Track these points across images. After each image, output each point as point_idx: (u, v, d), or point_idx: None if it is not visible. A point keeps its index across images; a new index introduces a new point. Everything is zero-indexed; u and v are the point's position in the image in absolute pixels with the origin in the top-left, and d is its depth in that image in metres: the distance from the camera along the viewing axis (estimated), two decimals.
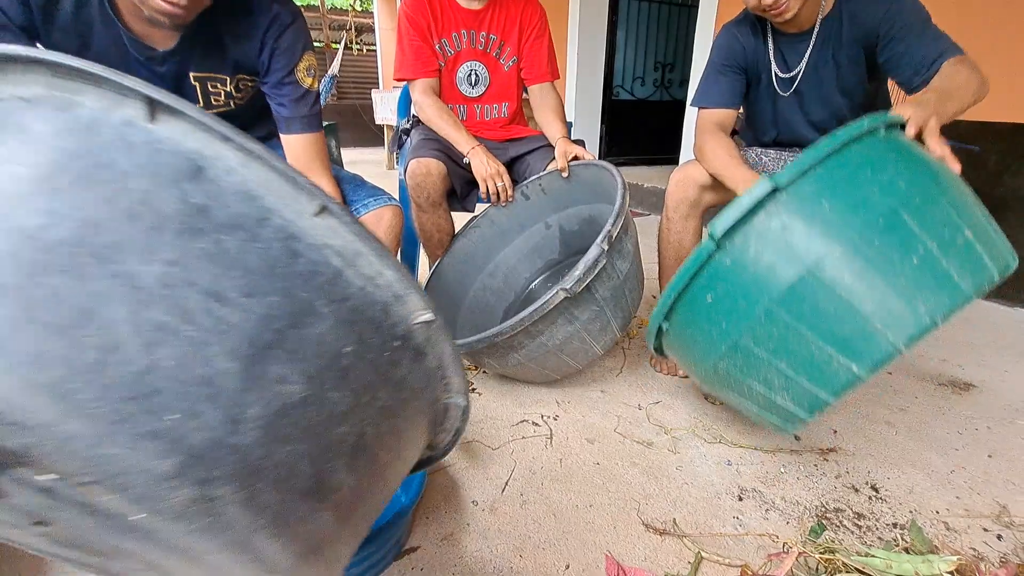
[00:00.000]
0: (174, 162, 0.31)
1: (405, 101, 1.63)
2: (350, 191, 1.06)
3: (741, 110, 1.33)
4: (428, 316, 0.39)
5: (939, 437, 1.11)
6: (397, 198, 1.13)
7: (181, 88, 0.89)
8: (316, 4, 9.23)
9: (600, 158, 4.22)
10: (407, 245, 1.56)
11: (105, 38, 0.79)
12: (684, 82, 4.04)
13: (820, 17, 1.14)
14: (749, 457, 1.03)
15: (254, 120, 1.07)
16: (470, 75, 1.45)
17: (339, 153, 3.78)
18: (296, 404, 0.31)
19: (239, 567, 0.30)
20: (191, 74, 0.89)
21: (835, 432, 1.12)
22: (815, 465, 1.01)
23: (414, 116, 1.54)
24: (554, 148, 1.39)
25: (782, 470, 1.00)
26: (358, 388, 0.35)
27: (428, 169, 1.28)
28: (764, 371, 0.74)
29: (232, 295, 0.29)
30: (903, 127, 0.78)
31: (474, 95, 1.48)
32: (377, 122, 5.30)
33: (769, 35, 1.22)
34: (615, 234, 0.98)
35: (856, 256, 0.67)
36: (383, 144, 5.51)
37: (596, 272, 0.95)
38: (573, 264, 0.97)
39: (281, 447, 0.30)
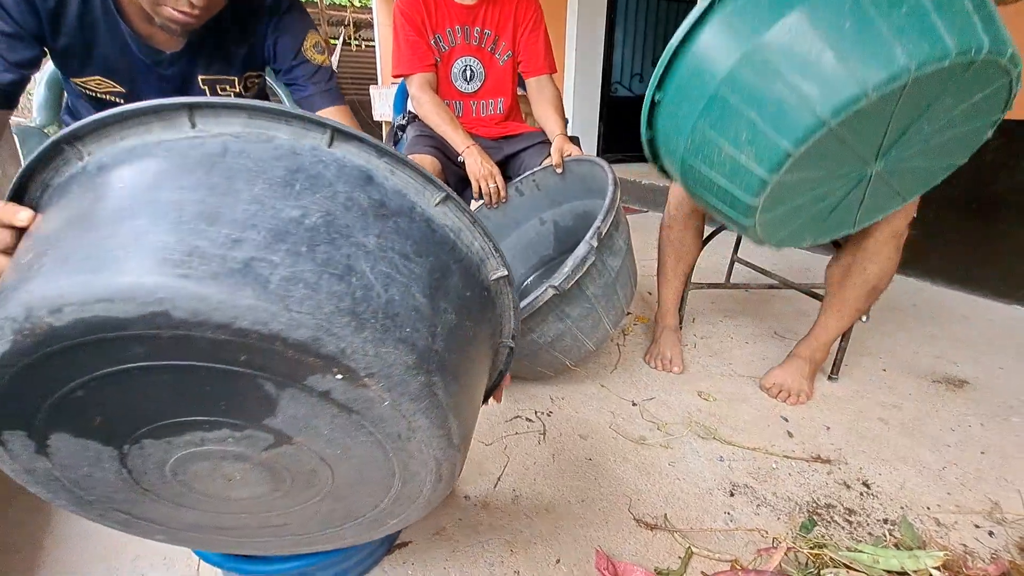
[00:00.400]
0: (354, 173, 0.45)
1: (401, 97, 1.63)
2: None
3: None
4: (502, 272, 0.54)
5: (932, 434, 1.11)
6: None
7: (189, 90, 0.88)
8: (315, 0, 9.20)
9: (598, 155, 4.20)
10: None
11: (110, 42, 0.79)
12: None
13: None
14: (742, 453, 1.03)
15: None
16: (465, 70, 1.45)
17: None
18: (453, 327, 0.47)
19: (436, 440, 0.46)
20: (199, 76, 0.89)
21: (828, 428, 1.12)
22: (807, 462, 1.01)
23: (410, 112, 1.53)
24: (549, 145, 1.38)
25: (774, 466, 1.00)
26: (473, 321, 0.51)
27: (423, 165, 1.28)
28: (734, 125, 0.77)
29: (412, 255, 0.45)
30: None
31: (469, 91, 1.47)
32: (375, 118, 5.29)
33: None
34: (605, 231, 0.97)
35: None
36: (380, 139, 5.51)
37: (585, 269, 0.95)
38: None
39: (451, 354, 0.46)
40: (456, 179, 1.41)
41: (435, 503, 0.56)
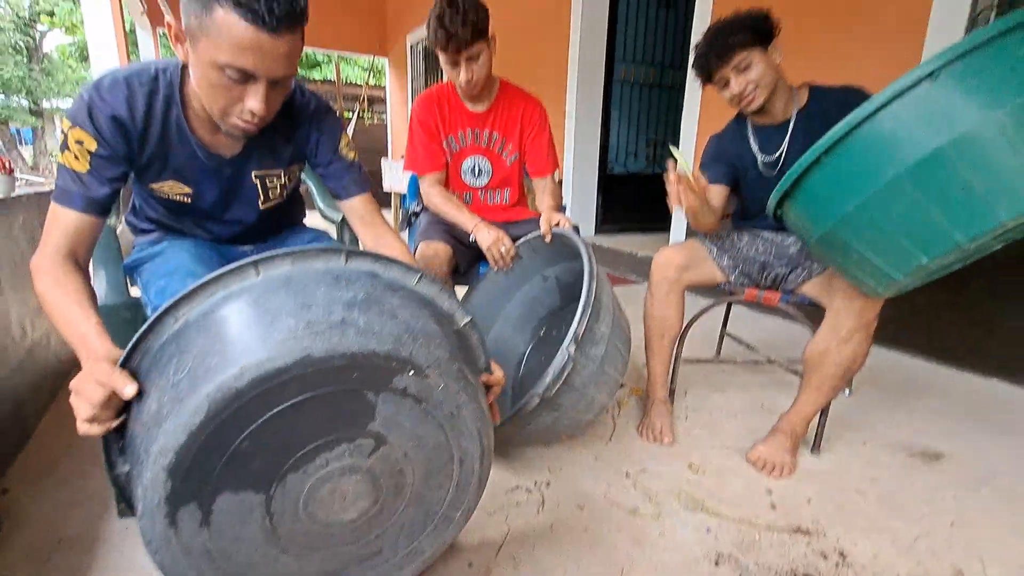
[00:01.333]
0: (366, 273, 0.71)
1: (414, 187, 1.81)
2: None
3: (733, 202, 1.56)
4: (467, 319, 0.79)
5: (906, 506, 1.18)
6: None
7: (243, 184, 1.03)
8: (332, 79, 9.83)
9: (596, 228, 4.41)
10: None
11: (182, 152, 0.94)
12: None
13: (796, 110, 1.35)
14: (727, 525, 1.11)
15: (289, 209, 1.23)
16: (474, 168, 1.64)
17: None
18: (454, 345, 0.73)
19: (475, 413, 0.73)
20: (252, 172, 1.03)
21: (809, 501, 1.20)
22: (788, 533, 1.09)
23: (420, 202, 1.71)
24: None
25: (757, 537, 1.07)
26: (449, 350, 0.71)
27: (436, 251, 1.43)
28: (908, 214, 0.88)
29: (417, 308, 0.71)
30: None
31: (478, 185, 1.66)
32: (384, 189, 5.58)
33: (750, 132, 1.43)
34: (582, 333, 1.07)
35: (1003, 132, 0.79)
36: (390, 207, 5.78)
37: (566, 375, 1.05)
38: (573, 311, 1.09)
39: (462, 354, 0.74)
40: (466, 259, 1.56)
41: (484, 485, 0.79)
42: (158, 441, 0.56)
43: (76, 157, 0.84)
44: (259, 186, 1.06)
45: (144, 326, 0.64)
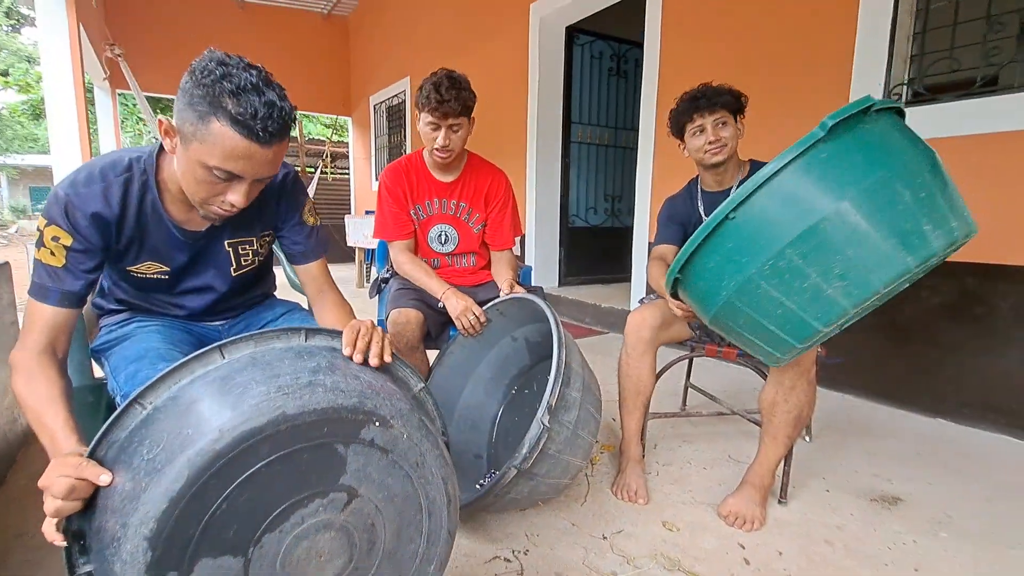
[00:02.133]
0: (326, 348, 0.78)
1: (383, 254, 1.84)
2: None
3: None
4: (421, 385, 0.85)
5: (872, 553, 1.22)
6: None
7: (216, 252, 1.05)
8: (295, 134, 9.92)
9: (560, 280, 4.51)
10: None
11: (157, 232, 0.96)
12: (631, 211, 4.52)
13: (739, 179, 1.52)
14: None
15: (261, 281, 1.24)
16: (440, 235, 1.68)
17: None
18: (396, 403, 0.72)
19: (438, 460, 0.75)
20: (225, 241, 1.05)
21: (780, 554, 1.22)
22: None
23: (390, 268, 1.73)
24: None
25: None
26: (410, 404, 0.75)
27: (408, 318, 1.45)
28: (767, 305, 0.95)
29: (368, 376, 0.76)
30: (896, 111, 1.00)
31: (444, 251, 1.70)
32: (349, 244, 5.58)
33: (699, 197, 1.58)
34: (555, 403, 1.09)
35: (858, 210, 0.88)
36: (354, 260, 5.77)
37: (542, 445, 1.07)
38: (544, 370, 1.10)
39: (420, 410, 0.78)
40: (436, 324, 1.58)
41: (453, 537, 0.80)
42: (138, 512, 0.57)
43: (52, 253, 0.85)
44: (231, 254, 1.07)
45: (110, 419, 0.65)
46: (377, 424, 0.68)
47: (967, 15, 1.96)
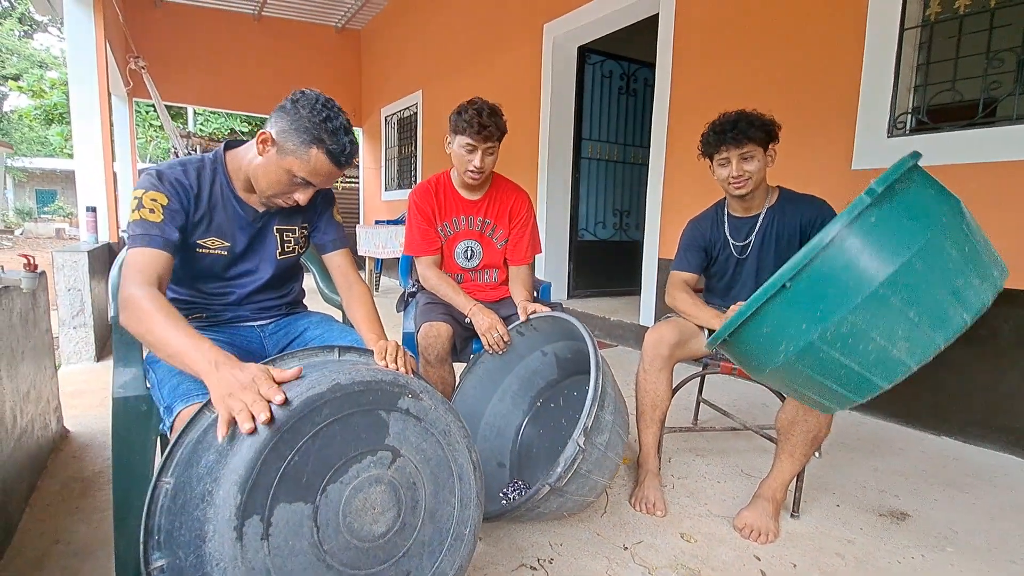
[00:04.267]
0: (355, 364, 0.91)
1: (406, 268, 1.91)
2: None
3: (702, 280, 1.75)
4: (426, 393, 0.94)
5: (881, 567, 1.28)
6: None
7: (267, 235, 1.21)
8: None
9: (568, 293, 4.58)
10: None
11: (224, 211, 1.14)
12: (639, 225, 4.61)
13: (767, 206, 1.58)
14: None
15: (293, 281, 1.36)
16: (466, 251, 1.76)
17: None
18: (423, 382, 0.90)
19: (461, 431, 0.93)
20: (275, 227, 1.22)
21: (795, 566, 1.28)
22: None
23: (416, 282, 1.80)
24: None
25: None
26: (433, 388, 0.92)
27: (439, 332, 1.52)
28: (830, 366, 0.98)
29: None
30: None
31: (469, 267, 1.77)
32: (359, 253, 5.66)
33: (725, 221, 1.65)
34: (590, 424, 1.15)
35: (915, 274, 0.91)
36: (364, 268, 5.84)
37: (576, 465, 1.13)
38: (571, 386, 1.17)
39: (427, 395, 0.89)
40: (462, 338, 1.65)
41: (483, 502, 0.93)
42: (228, 465, 0.70)
43: (151, 211, 1.02)
44: (279, 239, 1.23)
45: (188, 420, 0.77)
46: (410, 396, 0.84)
47: (968, 50, 2.05)
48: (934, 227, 0.92)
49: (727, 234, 1.61)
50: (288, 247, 1.25)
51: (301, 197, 1.08)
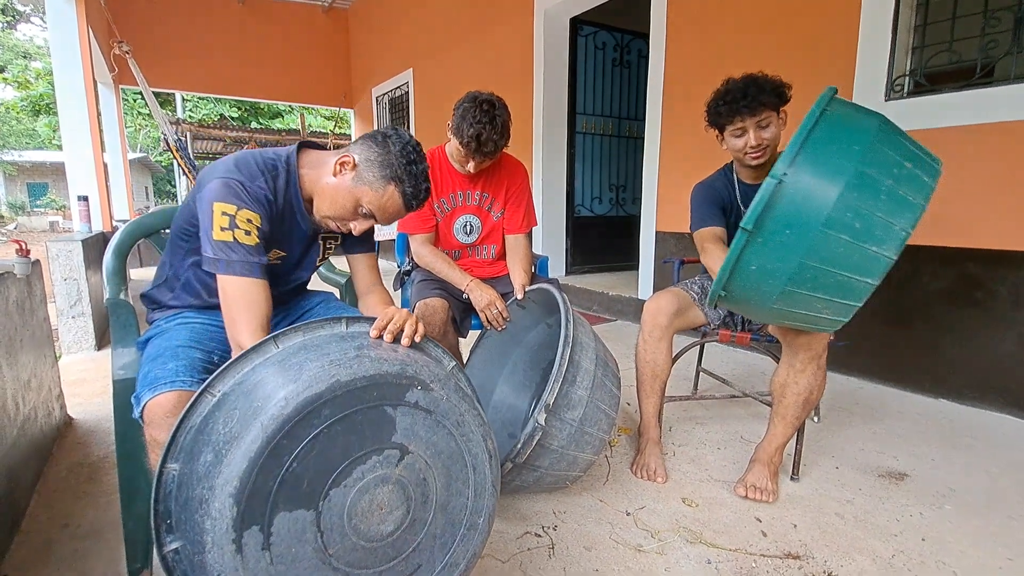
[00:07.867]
0: (360, 335, 0.85)
1: (402, 247, 1.90)
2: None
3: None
4: (452, 364, 0.92)
5: (881, 525, 1.30)
6: None
7: (315, 244, 1.20)
8: (296, 128, 9.92)
9: (567, 269, 4.57)
10: None
11: (289, 221, 1.10)
12: (636, 200, 4.58)
13: None
14: (725, 555, 1.19)
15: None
16: (465, 226, 1.74)
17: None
18: (434, 370, 0.83)
19: (475, 419, 0.84)
20: (320, 236, 1.20)
21: (795, 526, 1.30)
22: (781, 559, 1.18)
23: (412, 260, 1.80)
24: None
25: (754, 565, 1.16)
26: (445, 375, 0.85)
27: (434, 308, 1.51)
28: (808, 301, 1.05)
29: (404, 352, 0.85)
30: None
31: (468, 242, 1.76)
32: (376, 238, 5.63)
33: (736, 186, 1.58)
34: (552, 401, 1.15)
35: (850, 207, 0.97)
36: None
37: (535, 442, 1.13)
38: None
39: (438, 385, 0.80)
40: (462, 309, 1.65)
41: (498, 489, 0.88)
42: (222, 474, 0.65)
43: (247, 233, 0.96)
44: (322, 246, 1.22)
45: (185, 407, 0.73)
46: (419, 388, 0.77)
47: (966, 10, 2.01)
48: (871, 131, 1.01)
49: (738, 201, 1.58)
50: (328, 252, 1.26)
51: (357, 227, 1.07)
